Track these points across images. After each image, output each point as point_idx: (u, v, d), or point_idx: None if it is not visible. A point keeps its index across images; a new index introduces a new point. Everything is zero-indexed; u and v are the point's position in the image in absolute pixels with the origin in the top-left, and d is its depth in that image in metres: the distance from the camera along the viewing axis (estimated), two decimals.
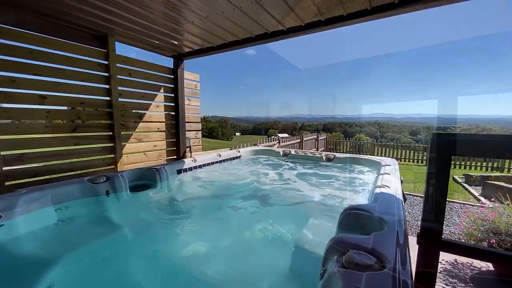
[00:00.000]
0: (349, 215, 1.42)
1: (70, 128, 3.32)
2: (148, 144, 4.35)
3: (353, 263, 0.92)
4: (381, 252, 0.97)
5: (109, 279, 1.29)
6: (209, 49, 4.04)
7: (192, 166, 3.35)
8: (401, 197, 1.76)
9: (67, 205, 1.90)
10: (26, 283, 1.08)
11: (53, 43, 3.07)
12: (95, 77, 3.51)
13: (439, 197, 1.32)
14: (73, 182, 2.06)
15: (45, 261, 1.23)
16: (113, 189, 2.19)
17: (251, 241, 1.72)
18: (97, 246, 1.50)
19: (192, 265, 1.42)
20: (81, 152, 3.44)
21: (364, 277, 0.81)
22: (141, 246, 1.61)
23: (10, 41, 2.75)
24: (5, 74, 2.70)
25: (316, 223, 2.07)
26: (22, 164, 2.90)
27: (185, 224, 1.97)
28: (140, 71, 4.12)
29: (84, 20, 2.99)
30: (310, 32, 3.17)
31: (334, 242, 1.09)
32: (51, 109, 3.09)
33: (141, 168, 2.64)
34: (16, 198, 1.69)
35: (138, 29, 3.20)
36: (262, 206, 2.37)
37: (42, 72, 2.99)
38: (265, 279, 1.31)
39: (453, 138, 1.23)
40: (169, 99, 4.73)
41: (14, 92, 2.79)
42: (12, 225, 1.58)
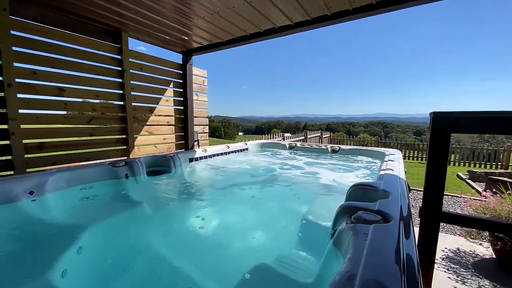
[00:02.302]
0: (356, 190, 1.53)
1: (86, 120, 3.47)
2: (158, 137, 4.50)
3: (361, 219, 1.03)
4: (386, 212, 1.08)
5: (129, 245, 1.45)
6: (217, 45, 4.17)
7: (202, 156, 3.49)
8: (404, 177, 1.86)
9: (90, 185, 2.06)
10: (60, 246, 1.21)
11: (70, 37, 3.22)
12: (109, 71, 3.66)
13: (439, 173, 1.43)
14: (96, 165, 2.21)
15: (74, 229, 1.36)
16: (132, 172, 2.34)
17: (262, 217, 1.85)
18: (118, 219, 1.64)
19: (205, 237, 1.56)
20: (96, 142, 3.59)
21: (372, 228, 0.93)
22: (157, 221, 1.75)
23: (31, 35, 2.90)
24: (27, 67, 2.86)
25: (323, 201, 2.18)
26: (42, 153, 3.06)
27: (198, 203, 2.13)
28: (151, 66, 4.27)
29: (100, 15, 3.13)
30: (316, 27, 3.28)
31: (343, 207, 1.20)
32: (69, 101, 3.25)
33: (156, 155, 2.80)
34: (46, 177, 1.84)
35: (150, 24, 3.34)
36: (270, 188, 2.52)
37: (60, 65, 3.15)
38: (276, 248, 1.43)
39: (452, 116, 1.33)
40: (178, 94, 4.87)
41: (36, 84, 2.94)
42: (43, 200, 1.74)
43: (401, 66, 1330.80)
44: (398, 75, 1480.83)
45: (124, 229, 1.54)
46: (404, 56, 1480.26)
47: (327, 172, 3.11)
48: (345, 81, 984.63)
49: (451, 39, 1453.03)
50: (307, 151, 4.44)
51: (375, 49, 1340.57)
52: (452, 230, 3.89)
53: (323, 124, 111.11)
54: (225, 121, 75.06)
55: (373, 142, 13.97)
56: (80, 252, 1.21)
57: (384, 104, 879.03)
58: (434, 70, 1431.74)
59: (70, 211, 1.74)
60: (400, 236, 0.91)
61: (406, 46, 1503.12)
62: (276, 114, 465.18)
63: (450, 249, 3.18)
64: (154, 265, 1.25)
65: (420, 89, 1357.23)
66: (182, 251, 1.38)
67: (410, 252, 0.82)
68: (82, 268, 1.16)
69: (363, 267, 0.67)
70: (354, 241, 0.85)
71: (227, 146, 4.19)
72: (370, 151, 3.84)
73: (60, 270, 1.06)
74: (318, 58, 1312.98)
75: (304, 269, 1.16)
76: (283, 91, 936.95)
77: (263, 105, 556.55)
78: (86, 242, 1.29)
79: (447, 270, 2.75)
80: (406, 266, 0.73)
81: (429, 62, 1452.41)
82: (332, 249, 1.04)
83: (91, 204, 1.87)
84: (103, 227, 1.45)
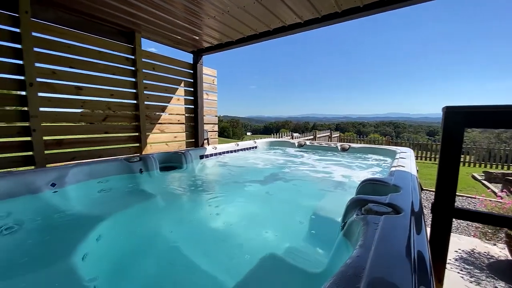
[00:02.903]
0: (366, 185, 1.54)
1: (101, 118, 3.60)
2: (169, 135, 4.60)
3: (371, 211, 1.04)
4: (397, 205, 1.08)
5: (144, 234, 1.52)
6: (227, 44, 4.22)
7: (213, 153, 3.56)
8: (416, 174, 1.85)
9: (107, 179, 2.15)
10: (80, 233, 1.28)
11: (87, 38, 3.35)
12: (123, 70, 3.78)
13: (452, 168, 1.41)
14: (112, 160, 2.30)
15: (92, 219, 1.44)
16: (146, 167, 2.42)
17: (272, 211, 1.88)
18: (133, 210, 1.72)
19: (216, 228, 1.61)
20: (110, 140, 3.71)
21: (382, 218, 0.94)
22: (170, 212, 1.83)
23: (51, 36, 3.04)
24: (47, 67, 2.99)
25: (333, 197, 2.19)
26: (60, 149, 3.20)
27: (209, 197, 2.19)
28: (162, 65, 4.38)
29: (114, 17, 3.24)
30: (326, 25, 3.28)
31: (353, 200, 1.22)
32: (86, 100, 3.38)
33: (169, 152, 2.88)
34: (67, 170, 1.94)
35: (162, 24, 3.42)
36: (279, 184, 2.56)
37: (78, 65, 3.28)
38: (285, 240, 1.45)
39: (465, 111, 1.32)
40: (189, 93, 4.96)
41: (55, 83, 3.08)
42: (64, 192, 1.84)
43: (414, 64, 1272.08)
44: (410, 74, 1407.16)
45: (139, 219, 1.61)
46: (417, 54, 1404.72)
47: (336, 169, 3.10)
48: (355, 80, 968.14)
49: (467, 36, 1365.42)
50: (316, 149, 4.43)
51: (386, 47, 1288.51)
52: (467, 231, 3.79)
53: (332, 124, 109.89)
54: (234, 121, 75.45)
55: (384, 142, 13.71)
56: (99, 239, 1.28)
57: (396, 104, 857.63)
58: (447, 68, 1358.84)
59: (88, 202, 1.82)
60: (411, 228, 0.91)
61: (418, 43, 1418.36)
62: (284, 114, 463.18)
63: (464, 250, 3.11)
64: (167, 253, 1.30)
65: (434, 88, 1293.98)
66: (193, 241, 1.43)
67: (421, 246, 0.80)
68: (101, 253, 1.22)
69: (373, 252, 0.69)
70: (365, 231, 0.86)
71: (236, 144, 4.24)
72: (381, 149, 3.80)
73: (81, 254, 1.12)
74: (327, 57, 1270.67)
75: (313, 260, 1.18)
76: (291, 91, 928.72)
77: (271, 105, 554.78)
78: (104, 230, 1.36)
79: (461, 270, 2.69)
80: (416, 256, 0.73)
81: (443, 59, 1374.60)
82: (343, 240, 1.06)
83: (108, 196, 1.95)
84: (119, 217, 1.52)
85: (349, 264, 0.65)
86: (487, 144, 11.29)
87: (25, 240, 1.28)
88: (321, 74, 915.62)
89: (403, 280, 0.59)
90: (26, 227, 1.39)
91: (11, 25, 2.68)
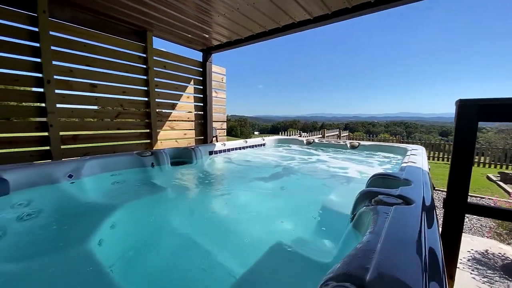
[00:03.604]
0: (376, 180, 1.53)
1: (114, 114, 3.70)
2: (179, 132, 4.67)
3: (381, 202, 1.04)
4: (407, 197, 1.08)
5: (156, 224, 1.58)
6: (237, 42, 4.25)
7: (222, 149, 3.61)
8: (427, 170, 1.82)
9: (120, 172, 2.23)
10: (96, 221, 1.34)
11: (101, 37, 3.45)
12: (135, 68, 3.87)
13: (465, 163, 1.39)
14: (125, 154, 2.38)
15: (107, 208, 1.50)
16: (157, 162, 2.49)
17: (281, 204, 1.90)
18: (145, 201, 1.78)
19: (226, 219, 1.65)
20: (122, 136, 3.81)
21: (393, 209, 0.94)
22: (180, 204, 1.88)
23: (67, 36, 3.15)
24: (64, 65, 3.11)
25: (342, 192, 2.18)
26: (75, 144, 3.31)
27: (219, 190, 2.24)
28: (173, 64, 4.45)
29: (128, 15, 3.32)
30: (336, 21, 3.25)
31: (363, 192, 1.22)
32: (99, 97, 3.48)
33: (179, 147, 2.95)
34: (83, 163, 2.02)
35: (173, 22, 3.49)
36: (288, 179, 2.58)
37: (92, 64, 3.38)
38: (294, 232, 1.46)
39: (479, 104, 1.29)
40: (198, 91, 5.03)
41: (71, 80, 3.19)
42: (80, 183, 1.92)
43: (425, 62, 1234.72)
44: (422, 72, 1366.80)
45: (151, 209, 1.67)
46: (429, 52, 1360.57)
47: (346, 166, 3.08)
48: (365, 79, 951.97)
49: (482, 33, 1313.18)
50: (325, 147, 4.40)
51: (397, 45, 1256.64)
52: (480, 232, 3.69)
53: (341, 123, 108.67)
54: (241, 120, 75.70)
55: (394, 142, 13.47)
56: (113, 227, 1.33)
57: (407, 103, 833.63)
58: (461, 66, 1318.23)
59: (103, 193, 1.90)
60: (422, 220, 0.90)
61: (430, 41, 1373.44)
62: (292, 113, 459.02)
63: (477, 251, 3.03)
64: (178, 241, 1.34)
65: (447, 86, 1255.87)
66: (203, 231, 1.46)
67: (433, 240, 0.77)
68: (115, 240, 1.27)
69: (383, 238, 0.69)
70: (375, 220, 0.87)
71: (245, 141, 4.27)
72: (391, 147, 3.74)
73: (96, 240, 1.18)
74: (336, 56, 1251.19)
75: (322, 251, 1.19)
76: (299, 90, 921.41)
77: (278, 104, 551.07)
78: (118, 219, 1.41)
79: (473, 271, 2.63)
80: (427, 249, 0.70)
81: (456, 57, 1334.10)
82: (352, 230, 1.06)
83: (121, 188, 2.02)
84: (132, 207, 1.57)
85: (359, 248, 0.66)
86: (503, 145, 10.90)
87: (45, 225, 1.35)
88: (330, 73, 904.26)
89: (413, 262, 0.59)
90: (45, 214, 1.46)
91: (30, 24, 2.79)
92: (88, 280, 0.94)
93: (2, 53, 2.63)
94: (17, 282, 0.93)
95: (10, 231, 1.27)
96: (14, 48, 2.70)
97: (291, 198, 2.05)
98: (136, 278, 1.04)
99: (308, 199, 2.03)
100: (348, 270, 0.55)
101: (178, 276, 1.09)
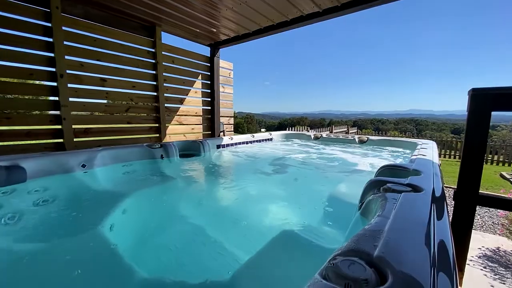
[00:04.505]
0: (385, 171, 1.51)
1: (124, 109, 3.77)
2: (187, 127, 4.73)
3: (390, 189, 1.04)
4: (417, 185, 1.07)
5: (165, 211, 1.62)
6: (244, 36, 4.24)
7: (229, 143, 3.64)
8: (438, 163, 1.79)
9: (131, 163, 2.30)
10: (108, 208, 1.39)
11: (111, 32, 3.51)
12: (144, 63, 3.92)
13: (477, 154, 1.36)
14: (136, 146, 2.46)
15: (118, 196, 1.55)
16: (166, 154, 2.55)
17: (288, 195, 1.91)
18: (155, 190, 1.84)
19: (232, 209, 1.68)
20: (132, 130, 3.89)
21: (401, 195, 0.93)
22: (189, 194, 1.94)
23: (79, 31, 3.21)
24: (75, 59, 3.18)
25: (350, 184, 2.17)
26: (87, 137, 3.40)
27: (226, 181, 2.29)
28: (181, 58, 4.49)
29: (137, 10, 3.36)
30: (346, 13, 3.20)
31: (371, 181, 1.21)
32: (110, 91, 3.55)
33: (188, 140, 2.99)
34: (95, 153, 2.09)
35: (182, 17, 3.51)
36: (295, 171, 2.59)
37: (103, 58, 3.45)
38: (301, 222, 1.47)
39: (494, 92, 1.26)
40: (206, 86, 5.06)
41: (82, 75, 3.26)
42: (92, 173, 1.99)
43: (436, 58, 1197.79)
44: (433, 68, 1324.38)
45: (160, 198, 1.72)
46: (439, 46, 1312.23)
47: (354, 159, 3.07)
48: (373, 75, 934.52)
49: (497, 27, 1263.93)
50: (333, 141, 4.37)
51: (406, 40, 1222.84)
52: (492, 229, 3.61)
53: (349, 120, 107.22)
54: (248, 117, 75.68)
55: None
56: (125, 212, 1.37)
57: (418, 100, 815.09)
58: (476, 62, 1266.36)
59: (114, 182, 1.96)
60: (432, 208, 0.89)
61: (440, 36, 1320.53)
62: (300, 110, 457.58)
63: (488, 248, 2.96)
64: (185, 228, 1.37)
65: (459, 83, 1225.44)
66: (210, 219, 1.49)
67: (443, 230, 0.75)
68: (126, 226, 1.31)
69: (392, 220, 0.69)
70: (383, 205, 0.87)
71: (252, 136, 4.29)
72: (401, 142, 3.68)
73: (108, 225, 1.22)
74: (342, 52, 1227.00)
75: (329, 239, 1.20)
76: (307, 87, 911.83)
77: (286, 101, 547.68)
78: (129, 206, 1.46)
79: (484, 268, 2.57)
80: (437, 240, 0.67)
81: (470, 53, 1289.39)
82: (359, 218, 1.06)
83: (132, 178, 2.08)
84: (142, 195, 1.62)
85: (367, 229, 0.66)
86: None
87: (59, 211, 1.41)
88: (339, 69, 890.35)
89: (422, 241, 0.59)
90: (60, 200, 1.52)
91: (44, 20, 2.86)
92: (100, 261, 0.98)
93: (18, 47, 2.72)
94: (34, 260, 0.97)
95: (27, 215, 1.33)
96: (29, 42, 2.78)
97: (298, 189, 2.06)
98: (146, 261, 1.07)
99: (315, 190, 2.03)
100: (356, 247, 0.56)
101: (188, 260, 1.12)
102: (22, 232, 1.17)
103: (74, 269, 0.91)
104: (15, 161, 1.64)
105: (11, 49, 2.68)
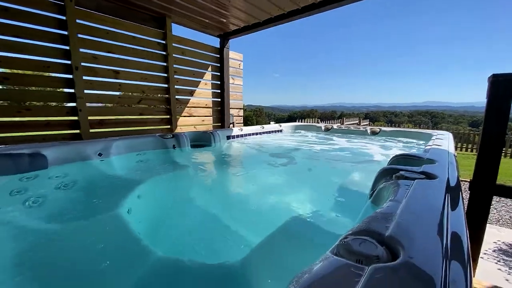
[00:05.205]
0: (398, 160, 1.49)
1: (136, 100, 3.84)
2: (197, 119, 4.77)
3: (402, 177, 1.02)
4: (431, 173, 1.05)
5: (178, 198, 1.70)
6: (254, 26, 4.19)
7: (239, 134, 3.67)
8: (454, 153, 1.74)
9: (144, 152, 2.38)
10: (124, 193, 1.44)
11: (122, 24, 3.54)
12: (155, 55, 3.96)
13: (495, 142, 1.31)
14: (149, 136, 2.55)
15: (133, 182, 1.61)
16: (178, 144, 2.62)
17: (299, 184, 1.93)
18: (168, 177, 1.91)
19: (243, 196, 1.71)
20: (144, 121, 3.97)
21: (415, 183, 0.92)
22: (200, 182, 2.00)
23: (92, 23, 3.27)
24: (89, 52, 3.25)
25: (361, 174, 2.15)
26: (102, 128, 3.50)
27: (237, 170, 2.35)
28: (191, 50, 4.49)
29: (147, 2, 3.37)
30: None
31: (384, 169, 1.20)
32: (122, 83, 3.62)
33: (198, 131, 3.05)
34: (111, 143, 2.17)
35: (191, 7, 3.49)
36: (306, 161, 2.60)
37: (115, 51, 3.50)
38: (312, 210, 1.48)
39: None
40: (216, 78, 5.06)
41: (96, 67, 3.33)
42: (108, 161, 2.07)
43: (452, 48, 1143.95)
44: (451, 59, 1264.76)
45: (173, 185, 1.78)
46: (457, 36, 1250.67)
47: (366, 150, 3.03)
48: (387, 66, 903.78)
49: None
50: (344, 133, 4.31)
51: (425, 30, 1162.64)
52: (509, 223, 3.50)
53: (361, 113, 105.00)
54: (257, 110, 75.47)
55: None
56: (140, 197, 1.42)
57: (435, 91, 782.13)
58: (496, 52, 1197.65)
59: (129, 170, 2.03)
60: (446, 196, 0.87)
61: (458, 24, 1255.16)
62: (310, 103, 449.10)
63: (504, 242, 2.88)
64: (198, 213, 1.42)
65: (481, 72, 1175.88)
66: (221, 205, 1.53)
67: (457, 217, 0.73)
68: (142, 209, 1.37)
69: (404, 204, 0.69)
70: (395, 191, 0.86)
71: (262, 127, 4.29)
72: (415, 133, 3.58)
73: (126, 208, 1.27)
74: (354, 42, 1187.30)
75: (340, 225, 1.20)
76: (317, 78, 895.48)
77: (295, 94, 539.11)
78: (143, 192, 1.51)
79: (498, 262, 2.51)
80: (450, 229, 0.65)
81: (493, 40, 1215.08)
82: (370, 205, 1.06)
83: (146, 166, 2.16)
84: (157, 182, 1.68)
85: (379, 212, 0.66)
86: None
87: (79, 195, 1.49)
88: (350, 60, 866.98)
89: (434, 224, 0.59)
90: (79, 185, 1.60)
91: (58, 13, 2.93)
92: (119, 241, 1.03)
93: (35, 41, 2.80)
94: (55, 239, 1.04)
95: (50, 198, 1.41)
96: (45, 36, 2.86)
97: (308, 179, 2.07)
98: (162, 242, 1.12)
99: (325, 179, 2.04)
100: (367, 227, 0.56)
101: (200, 243, 1.16)
102: (46, 213, 1.25)
103: (95, 248, 0.96)
104: (37, 149, 1.72)
105: (29, 42, 2.76)
